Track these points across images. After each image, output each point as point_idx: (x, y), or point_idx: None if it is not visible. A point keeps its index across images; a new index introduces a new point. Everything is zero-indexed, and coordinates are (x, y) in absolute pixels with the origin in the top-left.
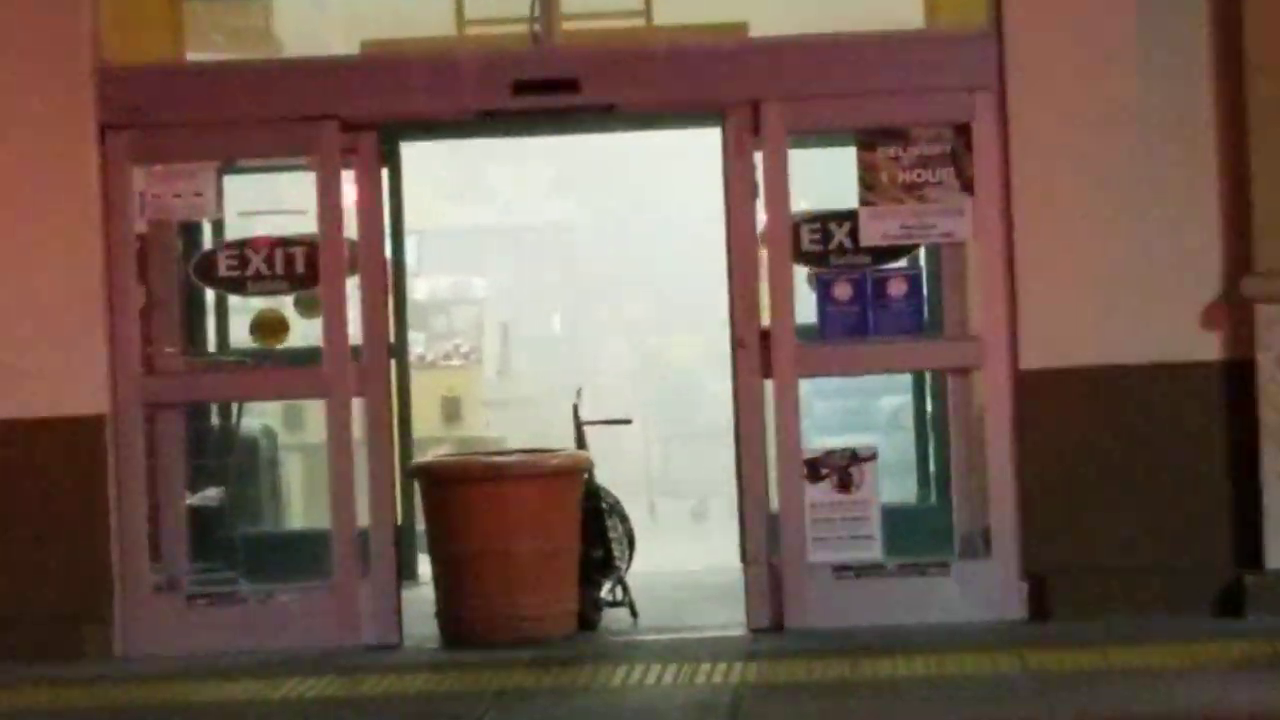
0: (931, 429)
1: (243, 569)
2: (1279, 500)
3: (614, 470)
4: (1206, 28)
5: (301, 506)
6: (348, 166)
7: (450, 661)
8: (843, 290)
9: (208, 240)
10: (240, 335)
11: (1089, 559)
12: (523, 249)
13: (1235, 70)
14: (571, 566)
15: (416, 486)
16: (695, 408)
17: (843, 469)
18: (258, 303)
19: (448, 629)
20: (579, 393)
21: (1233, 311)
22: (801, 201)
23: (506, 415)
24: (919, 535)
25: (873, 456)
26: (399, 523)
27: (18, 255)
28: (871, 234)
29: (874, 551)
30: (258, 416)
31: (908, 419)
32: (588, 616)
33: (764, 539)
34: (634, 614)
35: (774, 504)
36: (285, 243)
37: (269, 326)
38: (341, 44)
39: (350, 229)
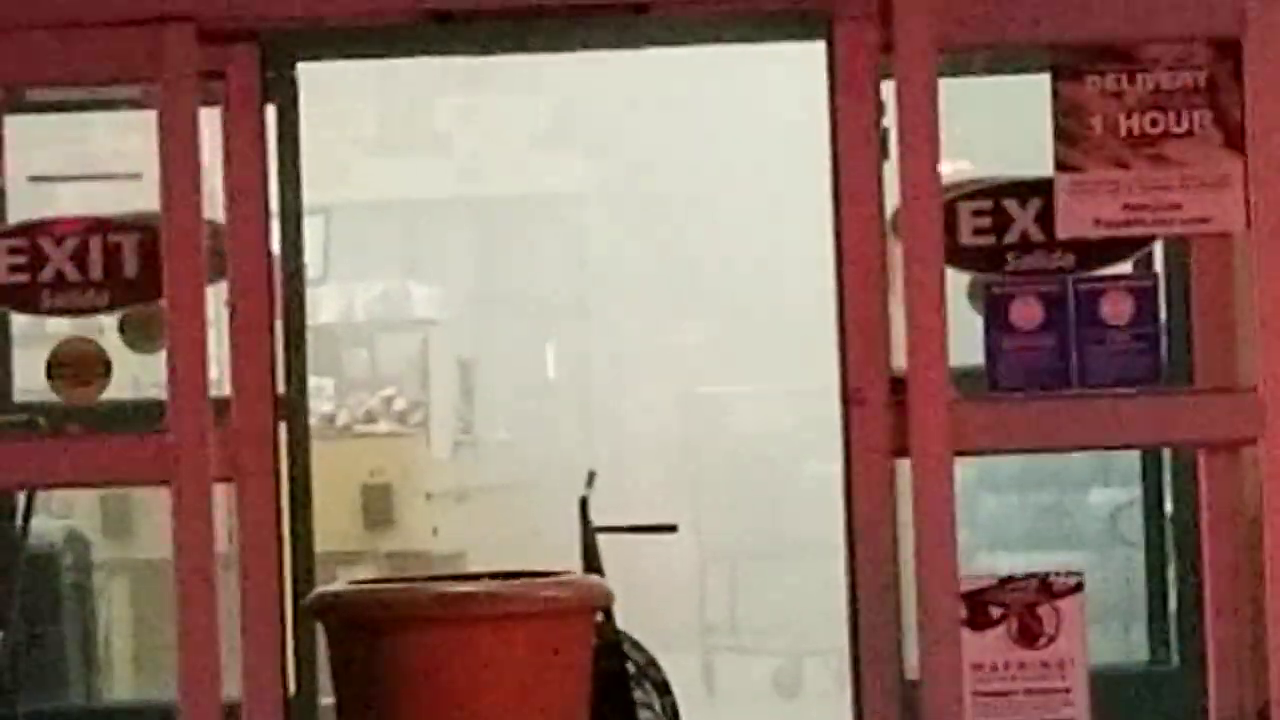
0: (1173, 543)
1: None
2: None
3: (648, 609)
4: None
5: (129, 663)
6: (211, 101)
7: None
8: (1028, 311)
9: None
10: (31, 380)
11: None
12: (495, 238)
13: None
14: None
15: (320, 633)
16: (781, 504)
17: (1027, 609)
18: (60, 327)
19: None
20: (590, 479)
21: None
22: (959, 163)
23: (468, 515)
24: (1152, 718)
25: (1077, 588)
26: (290, 693)
27: None
28: (1076, 219)
29: None
30: (59, 515)
31: (1134, 526)
32: None
33: None
34: None
35: (912, 667)
36: (106, 227)
37: (78, 366)
38: None
39: (214, 205)
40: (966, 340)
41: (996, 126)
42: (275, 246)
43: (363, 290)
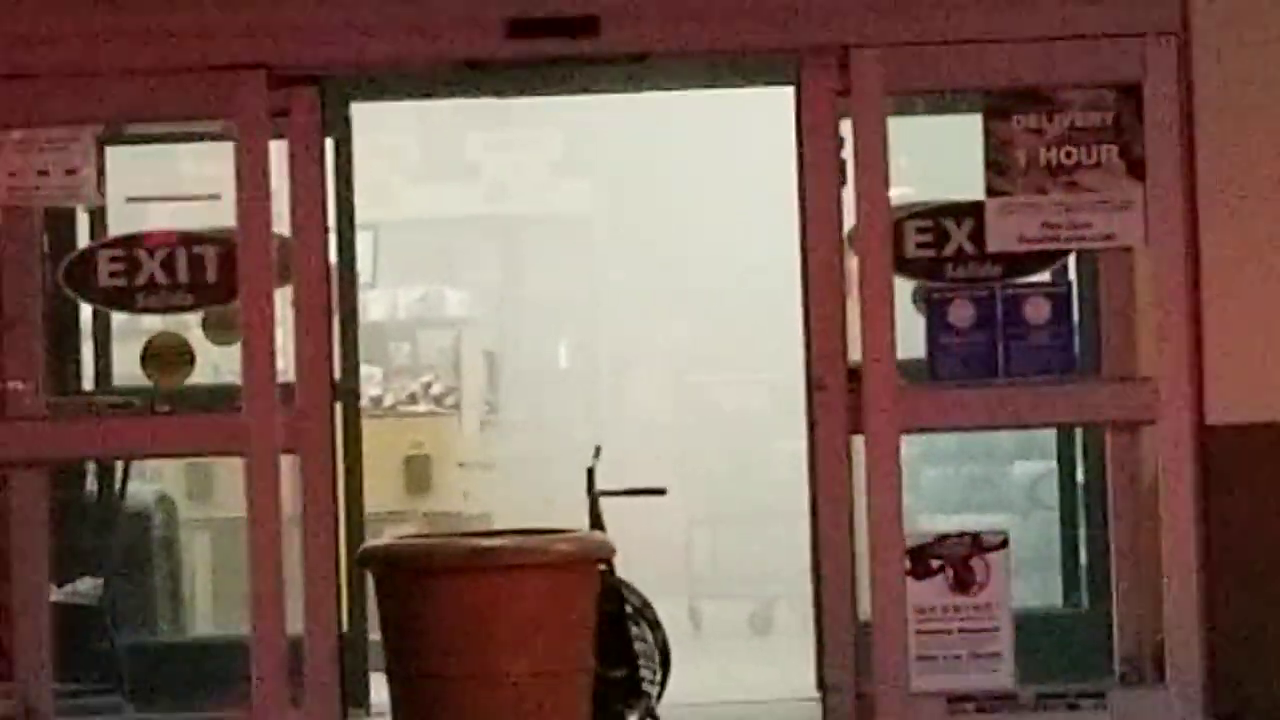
0: (1083, 506)
1: (128, 691)
2: None
3: (643, 561)
4: None
5: (210, 605)
6: (278, 135)
7: None
8: (962, 313)
9: (84, 236)
10: (128, 368)
11: None
12: (517, 250)
13: None
14: (582, 693)
15: (369, 579)
16: (756, 474)
17: (961, 561)
18: (152, 323)
19: None
20: (596, 452)
21: None
22: (905, 188)
23: (493, 482)
24: (1065, 653)
25: (1002, 544)
26: (344, 630)
27: None
28: (1003, 235)
29: (1003, 675)
30: (150, 480)
31: (1051, 493)
32: None
33: (851, 658)
34: None
35: (865, 609)
36: (191, 240)
37: (167, 356)
38: None
39: (281, 222)
40: (911, 337)
41: (937, 158)
42: (333, 257)
43: (405, 293)
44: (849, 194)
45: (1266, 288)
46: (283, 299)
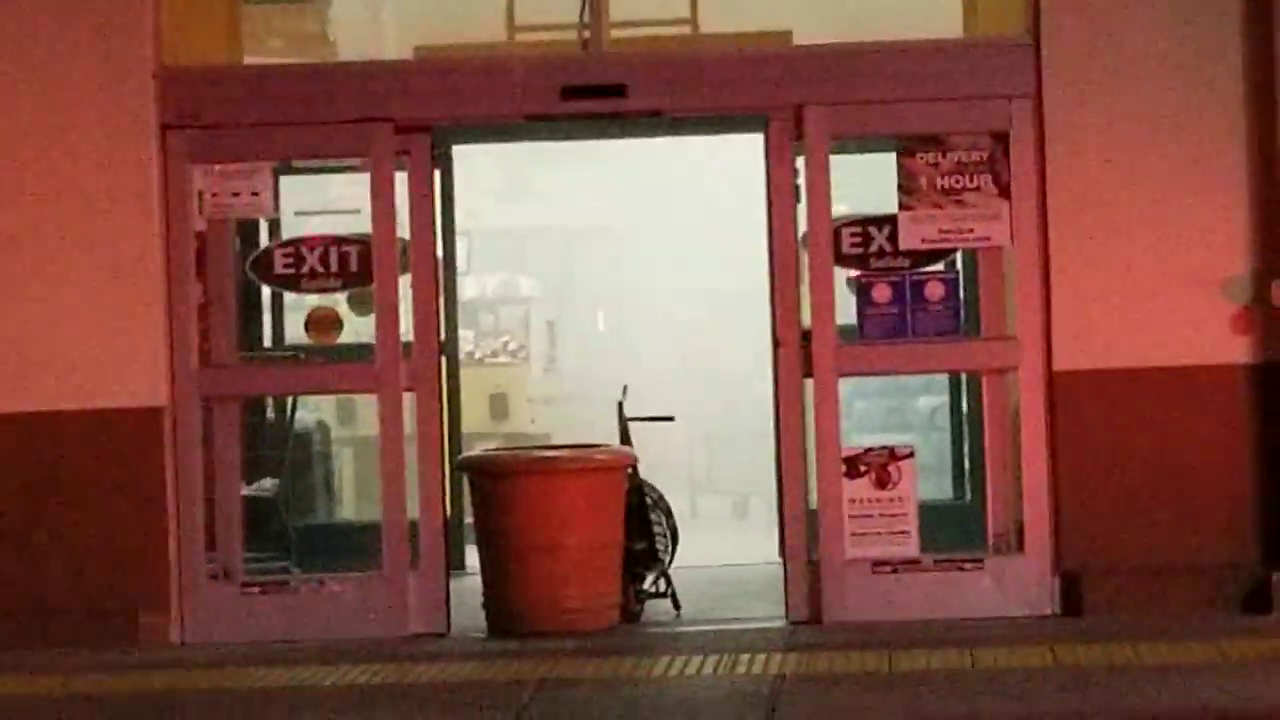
0: (967, 428)
1: (295, 559)
2: None
3: (657, 467)
4: (1242, 36)
5: (353, 498)
6: (401, 168)
7: (496, 651)
8: (882, 292)
9: (264, 239)
10: (295, 331)
11: (1120, 556)
12: (569, 249)
13: (1270, 79)
14: (616, 559)
15: (465, 480)
16: (738, 407)
17: (881, 466)
18: (312, 300)
19: (494, 619)
20: (624, 390)
21: (1265, 315)
22: (842, 205)
23: (553, 412)
24: (954, 532)
25: (910, 454)
26: (448, 515)
27: (80, 252)
28: (910, 238)
29: (910, 547)
30: (312, 410)
31: (944, 419)
32: (631, 608)
33: (803, 534)
34: (676, 606)
35: (813, 501)
36: (339, 242)
37: (323, 323)
38: (395, 49)
39: (402, 229)
40: (846, 309)
41: (864, 183)
42: (439, 254)
43: (490, 280)
44: (802, 209)
45: (1096, 275)
46: (404, 283)
